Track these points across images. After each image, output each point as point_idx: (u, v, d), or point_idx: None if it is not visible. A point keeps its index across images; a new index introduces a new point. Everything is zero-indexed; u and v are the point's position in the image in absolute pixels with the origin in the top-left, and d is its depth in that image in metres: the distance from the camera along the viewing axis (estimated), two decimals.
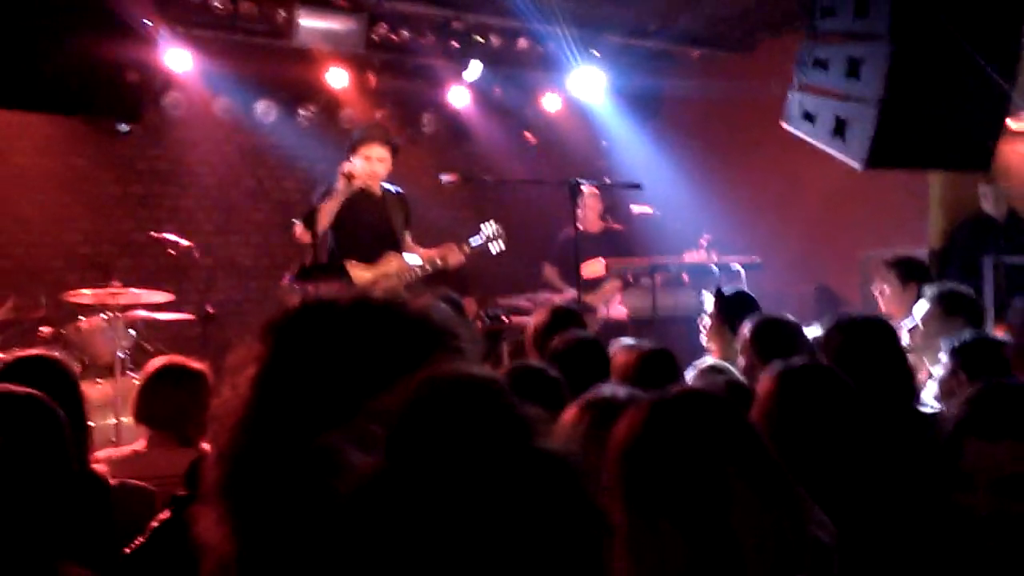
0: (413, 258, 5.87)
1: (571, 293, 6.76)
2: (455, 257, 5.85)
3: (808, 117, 5.66)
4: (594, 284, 7.28)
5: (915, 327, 3.93)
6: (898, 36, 5.26)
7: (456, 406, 0.89)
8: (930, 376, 3.32)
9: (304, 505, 0.93)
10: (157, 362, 3.51)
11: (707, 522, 1.38)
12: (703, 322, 4.59)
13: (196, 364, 3.49)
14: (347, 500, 0.83)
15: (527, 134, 9.12)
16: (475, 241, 5.99)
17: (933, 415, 2.75)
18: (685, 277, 7.24)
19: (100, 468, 2.80)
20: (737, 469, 1.46)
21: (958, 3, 5.39)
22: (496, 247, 6.08)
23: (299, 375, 1.03)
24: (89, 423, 2.94)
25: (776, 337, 3.44)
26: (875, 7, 5.34)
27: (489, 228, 6.07)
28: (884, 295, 4.97)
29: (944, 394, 2.90)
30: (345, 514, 0.83)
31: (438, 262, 5.82)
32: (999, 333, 3.94)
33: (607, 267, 6.99)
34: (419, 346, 1.04)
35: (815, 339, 3.52)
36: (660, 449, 1.47)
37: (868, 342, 2.93)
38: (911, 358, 3.66)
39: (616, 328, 6.97)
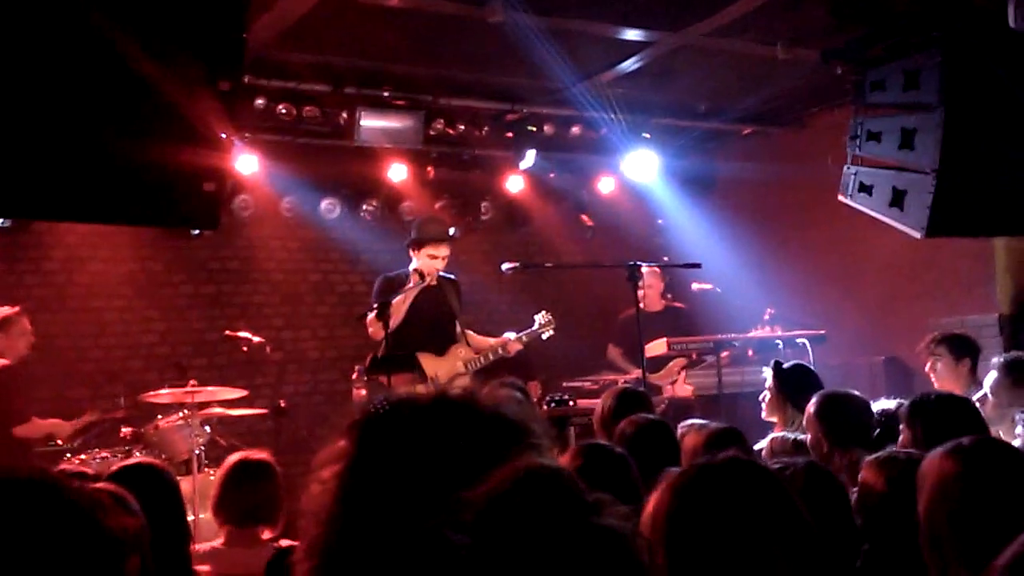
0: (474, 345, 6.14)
1: (635, 373, 6.76)
2: (514, 346, 6.23)
3: (865, 189, 5.68)
4: (658, 363, 7.27)
5: (985, 398, 3.87)
6: (950, 104, 5.29)
7: (529, 494, 0.98)
8: None
9: None
10: (233, 458, 3.60)
11: None
12: (763, 397, 4.60)
13: (265, 456, 3.59)
14: None
15: (584, 217, 9.25)
16: (530, 330, 6.35)
17: None
18: (750, 353, 7.19)
19: (203, 569, 2.88)
20: (781, 547, 1.48)
21: (1010, 65, 5.41)
22: (547, 333, 6.41)
23: (384, 471, 1.09)
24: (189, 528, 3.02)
25: (842, 412, 3.42)
26: (925, 78, 5.39)
27: (541, 317, 6.40)
28: (937, 371, 4.92)
29: None
30: None
31: (499, 351, 6.18)
32: None
33: (670, 345, 6.98)
34: (495, 441, 1.11)
35: (884, 412, 3.50)
36: (698, 514, 1.51)
37: (954, 420, 2.91)
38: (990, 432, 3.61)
39: (682, 407, 6.93)
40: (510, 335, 6.26)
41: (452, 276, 6.28)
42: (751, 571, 1.48)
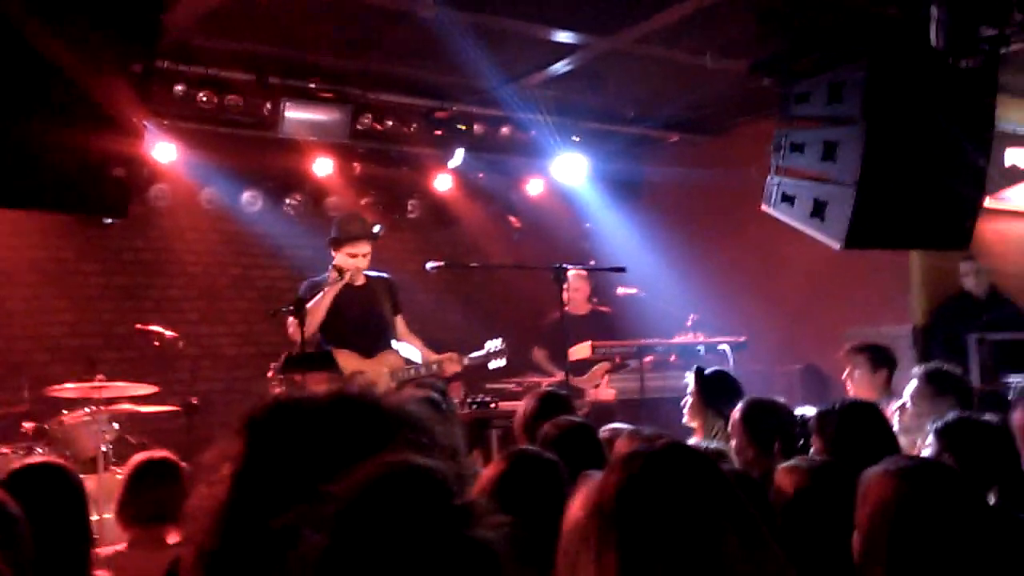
0: (412, 352, 5.96)
1: (559, 376, 6.74)
2: (452, 367, 6.01)
3: (787, 199, 5.76)
4: (582, 367, 7.27)
5: (903, 408, 3.94)
6: (872, 119, 5.39)
7: (397, 493, 0.91)
8: None
9: None
10: (137, 458, 3.47)
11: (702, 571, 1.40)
12: (685, 402, 4.63)
13: (170, 456, 3.47)
14: None
15: (511, 218, 9.22)
16: (476, 355, 6.14)
17: None
18: (673, 358, 7.25)
19: (101, 575, 2.77)
20: (731, 523, 1.50)
21: (931, 83, 5.54)
22: (497, 363, 6.22)
23: (276, 473, 1.03)
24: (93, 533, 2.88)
25: (766, 420, 3.45)
26: (848, 92, 5.49)
27: (493, 344, 6.19)
28: (854, 379, 5.01)
29: None
30: None
31: (434, 368, 5.96)
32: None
33: (594, 349, 6.99)
34: (395, 440, 1.05)
35: (803, 419, 3.52)
36: (657, 496, 1.52)
37: (862, 427, 2.95)
38: (903, 440, 3.67)
39: (604, 410, 6.94)
40: (453, 355, 6.05)
41: (385, 275, 6.14)
42: (703, 550, 1.46)
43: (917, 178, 5.56)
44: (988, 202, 6.51)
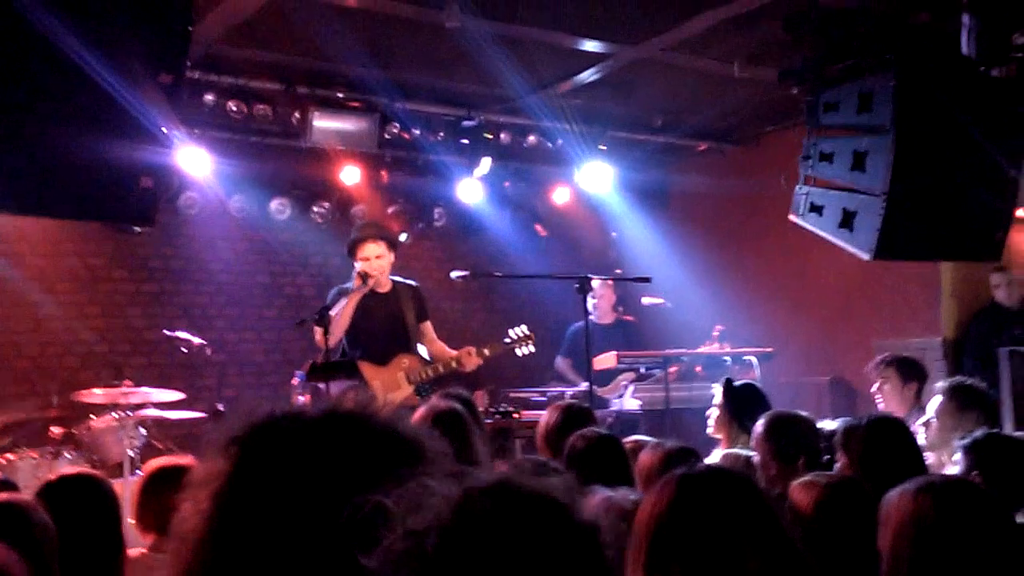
0: (421, 350, 5.85)
1: (583, 385, 6.72)
2: (471, 361, 5.73)
3: (816, 209, 5.70)
4: (606, 376, 7.24)
5: (930, 423, 3.88)
6: (902, 128, 5.32)
7: (506, 523, 0.86)
8: None
9: None
10: (152, 464, 3.49)
11: None
12: (711, 413, 4.59)
13: (187, 462, 3.47)
14: None
15: (538, 227, 9.21)
16: (497, 344, 5.90)
17: None
18: (698, 369, 7.20)
19: None
20: (753, 548, 1.52)
21: (963, 92, 5.46)
22: (525, 350, 5.96)
23: (260, 493, 1.00)
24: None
25: (789, 434, 3.41)
26: (878, 101, 5.42)
27: (517, 331, 5.95)
28: (884, 393, 4.94)
29: None
30: None
31: (453, 365, 5.72)
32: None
33: (619, 359, 6.96)
34: (387, 460, 1.02)
35: (829, 433, 3.48)
36: (685, 522, 1.54)
37: (889, 443, 2.90)
38: (930, 457, 3.62)
39: (629, 421, 6.91)
40: (472, 348, 5.78)
41: (412, 282, 6.10)
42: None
43: (948, 189, 5.49)
44: (1020, 213, 6.41)
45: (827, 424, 3.62)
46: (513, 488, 0.89)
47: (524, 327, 5.97)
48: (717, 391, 4.64)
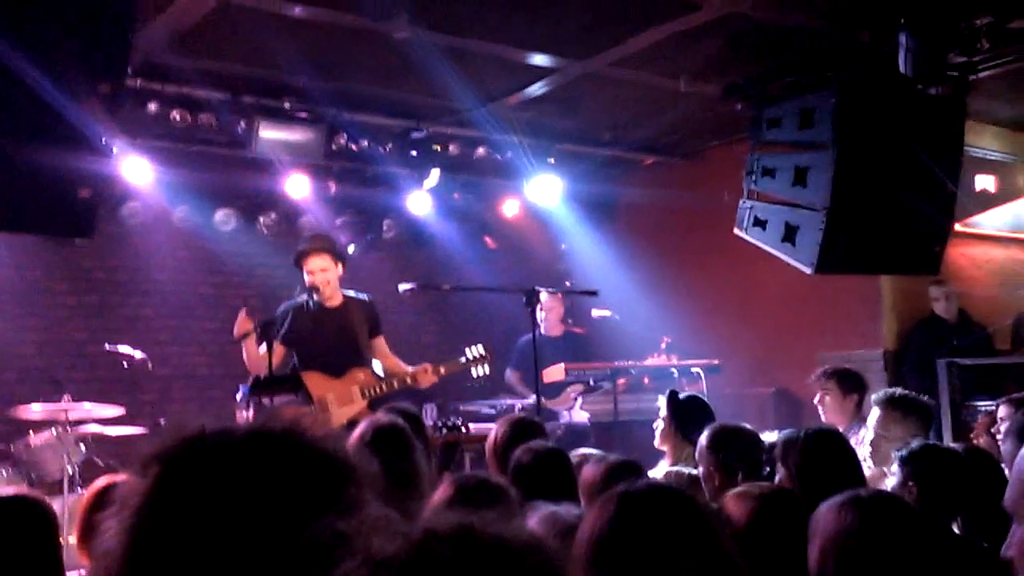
0: (380, 368, 5.80)
1: (533, 398, 6.72)
2: (426, 378, 5.72)
3: (759, 223, 5.79)
4: (556, 388, 7.26)
5: (876, 437, 3.95)
6: (843, 145, 5.44)
7: (459, 560, 0.84)
8: None
9: None
10: (97, 484, 3.40)
11: None
12: (656, 425, 4.62)
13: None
14: None
15: (487, 239, 9.21)
16: (452, 362, 5.87)
17: None
18: (646, 380, 7.25)
19: None
20: (694, 565, 1.55)
21: (902, 109, 5.59)
22: (480, 370, 5.94)
23: (181, 510, 0.98)
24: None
25: (732, 446, 3.44)
26: (819, 118, 5.53)
27: (474, 351, 5.92)
28: (825, 404, 5.02)
29: None
30: None
31: (408, 381, 5.70)
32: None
33: (567, 371, 6.99)
34: (315, 481, 1.01)
35: (772, 445, 3.52)
36: (625, 540, 1.55)
37: (826, 456, 2.95)
38: (871, 468, 3.68)
39: (578, 432, 6.93)
40: (428, 365, 5.74)
41: (364, 296, 6.05)
42: None
43: (887, 203, 5.61)
44: (958, 227, 6.58)
45: (769, 436, 3.67)
46: (474, 536, 0.87)
47: (480, 347, 5.96)
48: (662, 403, 4.68)
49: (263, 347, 5.23)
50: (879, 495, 2.11)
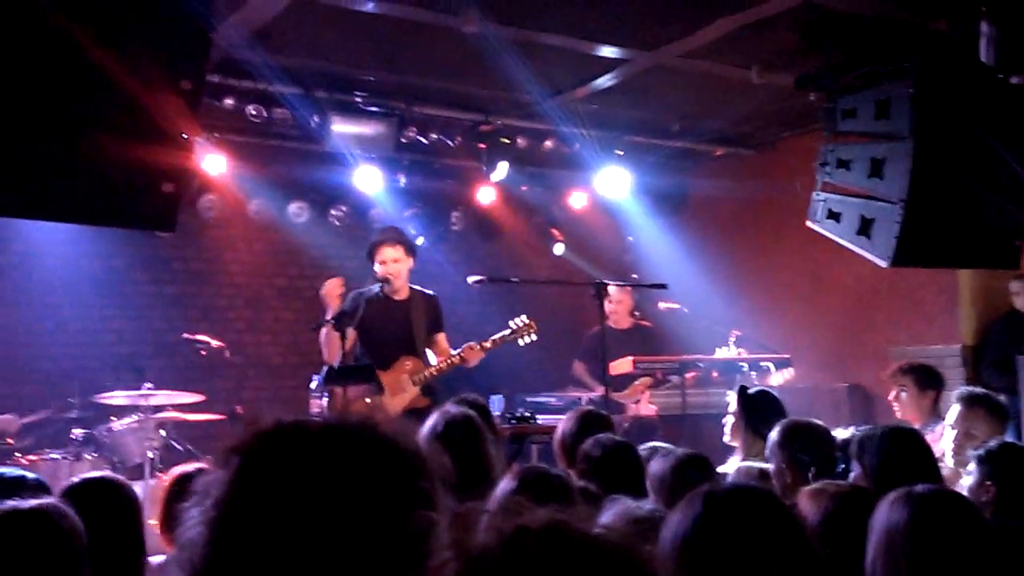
0: (430, 357, 5.86)
1: (600, 391, 6.72)
2: (474, 355, 5.74)
3: (833, 216, 5.69)
4: (623, 381, 7.23)
5: (960, 435, 3.86)
6: (920, 135, 5.31)
7: (550, 558, 0.86)
8: None
9: None
10: (173, 472, 3.50)
11: None
12: (726, 421, 4.59)
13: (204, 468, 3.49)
14: None
15: (554, 231, 9.22)
16: (498, 336, 5.89)
17: None
18: (715, 374, 7.18)
19: None
20: (780, 566, 1.55)
21: (981, 99, 5.44)
22: (526, 339, 5.95)
23: (262, 502, 1.01)
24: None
25: (804, 442, 3.41)
26: (896, 108, 5.41)
27: (517, 321, 5.95)
28: (901, 401, 4.91)
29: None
30: None
31: (455, 360, 5.74)
32: None
33: (635, 364, 6.96)
34: (387, 474, 1.04)
35: (844, 442, 3.48)
36: (713, 540, 1.56)
37: (903, 454, 2.90)
38: (948, 466, 3.61)
39: (646, 426, 6.90)
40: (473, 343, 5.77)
41: (430, 292, 6.12)
42: None
43: (966, 196, 5.46)
44: None
45: (841, 432, 3.62)
46: (566, 533, 0.88)
47: (524, 316, 5.98)
48: (732, 398, 4.64)
49: (335, 337, 5.32)
50: (935, 491, 2.07)
